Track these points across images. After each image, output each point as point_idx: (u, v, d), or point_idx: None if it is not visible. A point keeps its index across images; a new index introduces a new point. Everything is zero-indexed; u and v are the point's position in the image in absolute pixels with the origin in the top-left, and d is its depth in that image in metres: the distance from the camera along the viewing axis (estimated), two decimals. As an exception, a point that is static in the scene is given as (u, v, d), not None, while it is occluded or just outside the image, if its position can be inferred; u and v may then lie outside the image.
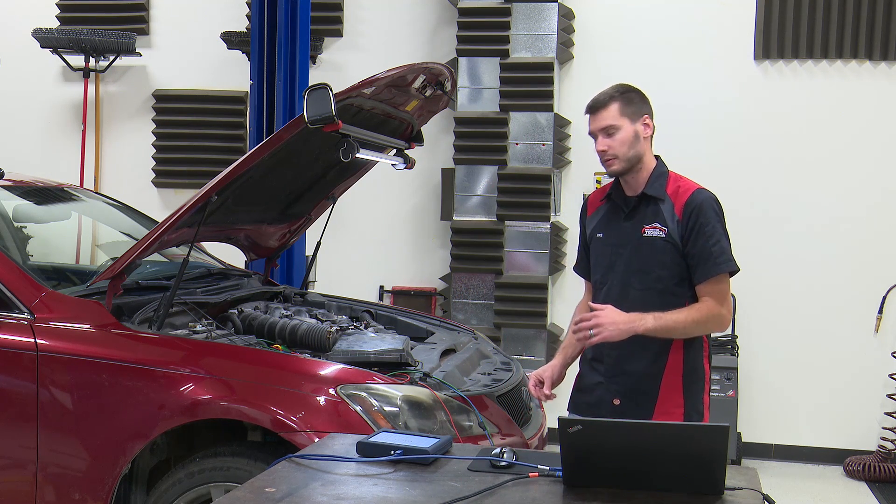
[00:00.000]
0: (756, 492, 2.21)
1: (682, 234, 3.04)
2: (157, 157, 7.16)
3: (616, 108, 3.07)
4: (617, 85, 3.14)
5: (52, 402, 3.46)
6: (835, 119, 6.30)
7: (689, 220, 3.04)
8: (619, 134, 3.07)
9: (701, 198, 3.08)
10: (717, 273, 3.03)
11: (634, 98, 3.12)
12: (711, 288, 3.04)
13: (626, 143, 3.08)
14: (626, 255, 3.11)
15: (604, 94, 3.12)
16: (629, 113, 3.09)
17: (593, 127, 3.11)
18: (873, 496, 5.70)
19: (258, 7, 5.60)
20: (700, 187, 3.15)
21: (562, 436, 2.20)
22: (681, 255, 3.05)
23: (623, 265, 3.12)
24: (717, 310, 3.03)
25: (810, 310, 6.32)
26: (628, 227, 3.13)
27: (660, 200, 3.10)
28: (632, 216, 3.14)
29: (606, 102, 3.08)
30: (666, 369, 3.07)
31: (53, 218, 5.05)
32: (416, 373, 3.56)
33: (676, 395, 3.08)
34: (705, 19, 6.44)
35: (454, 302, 6.45)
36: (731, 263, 3.05)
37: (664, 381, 3.07)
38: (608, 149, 3.08)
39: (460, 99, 6.45)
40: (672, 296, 3.05)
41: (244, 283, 4.48)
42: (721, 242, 3.05)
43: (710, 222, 3.04)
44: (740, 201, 6.37)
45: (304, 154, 4.08)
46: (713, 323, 3.05)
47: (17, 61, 7.20)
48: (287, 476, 2.31)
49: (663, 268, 3.06)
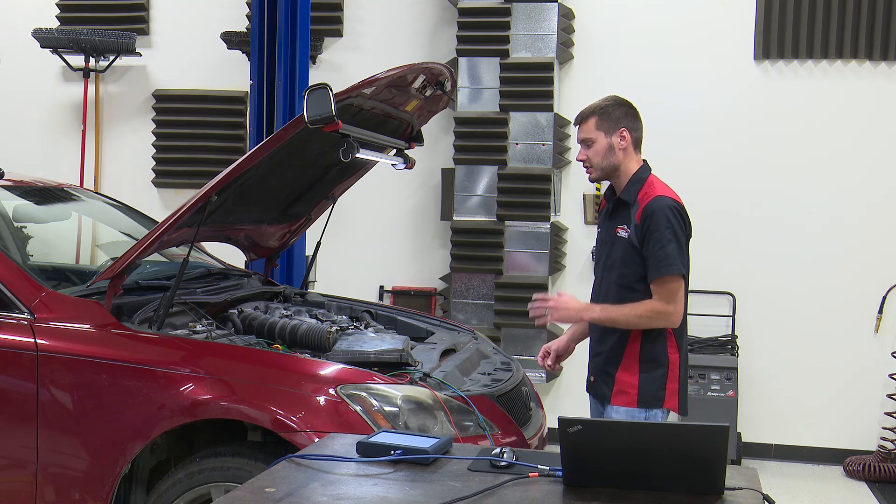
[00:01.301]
0: (756, 492, 2.21)
1: (639, 238, 3.36)
2: (157, 158, 7.16)
3: (593, 123, 3.43)
4: (606, 98, 3.48)
5: (52, 402, 3.46)
6: (835, 119, 6.31)
7: (643, 224, 3.35)
8: (594, 146, 3.44)
9: (656, 205, 3.35)
10: (661, 275, 3.32)
11: (613, 113, 3.43)
12: (658, 287, 3.34)
13: (599, 153, 3.43)
14: (605, 252, 3.50)
15: (587, 108, 3.48)
16: (605, 127, 3.42)
17: (577, 137, 3.52)
18: (873, 496, 5.70)
19: (258, 7, 5.60)
20: (661, 195, 3.38)
21: (562, 436, 2.21)
22: (640, 255, 3.36)
23: (602, 261, 3.51)
24: (662, 307, 3.33)
25: (810, 310, 6.32)
26: (610, 226, 3.49)
27: (630, 205, 3.42)
28: (613, 216, 3.50)
29: (587, 117, 3.45)
30: (624, 355, 3.40)
31: (53, 218, 5.04)
32: (416, 373, 3.56)
33: (632, 377, 3.39)
34: (705, 19, 6.44)
35: (454, 302, 6.45)
36: (672, 268, 3.31)
37: (622, 364, 3.41)
38: (585, 159, 3.47)
39: (460, 99, 6.45)
40: (630, 291, 3.39)
41: (244, 283, 4.48)
42: (666, 248, 3.31)
43: (658, 228, 3.32)
44: (740, 201, 6.39)
45: (304, 154, 4.08)
46: (657, 318, 3.34)
47: (17, 61, 7.20)
48: (287, 476, 2.31)
49: (624, 265, 3.40)
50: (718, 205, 6.35)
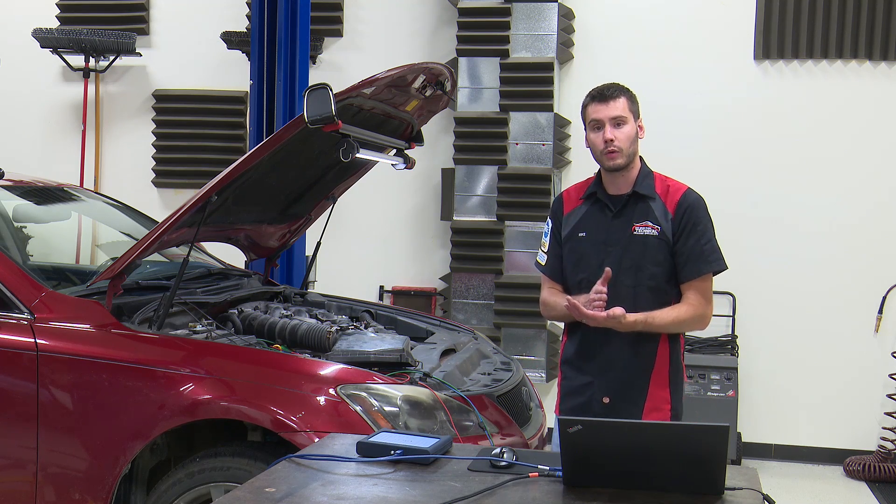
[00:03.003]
0: (756, 492, 2.21)
1: (674, 232, 3.11)
2: (157, 157, 7.16)
3: (625, 102, 3.13)
4: (617, 82, 3.19)
5: (52, 402, 3.46)
6: (835, 119, 6.30)
7: (681, 218, 3.12)
8: (625, 127, 3.12)
9: (693, 197, 3.17)
10: (708, 271, 3.12)
11: (636, 99, 3.19)
12: (699, 286, 3.13)
13: (630, 138, 3.13)
14: (616, 254, 3.14)
15: (613, 85, 3.16)
16: (634, 110, 3.16)
17: (602, 115, 3.11)
18: (873, 496, 5.70)
19: (258, 7, 5.60)
20: (689, 187, 3.21)
21: (562, 436, 2.20)
22: (671, 253, 3.12)
23: (613, 263, 3.11)
24: (704, 308, 3.14)
25: (810, 310, 6.32)
26: (617, 225, 3.16)
27: (650, 199, 3.15)
28: (620, 215, 3.17)
29: (617, 94, 3.12)
30: (655, 364, 3.14)
31: (53, 218, 5.04)
32: (416, 373, 3.56)
33: (664, 390, 3.15)
34: (705, 19, 6.45)
35: (454, 302, 6.45)
36: (721, 262, 3.14)
37: (654, 375, 3.14)
38: (615, 139, 3.09)
39: (460, 99, 6.45)
40: (663, 293, 3.13)
41: (244, 283, 4.48)
42: (712, 241, 3.14)
43: (702, 221, 3.13)
44: (741, 201, 6.38)
45: (304, 154, 4.08)
46: (699, 321, 3.16)
47: (17, 61, 7.20)
48: (287, 476, 2.31)
49: (656, 265, 3.12)
50: (718, 205, 6.25)
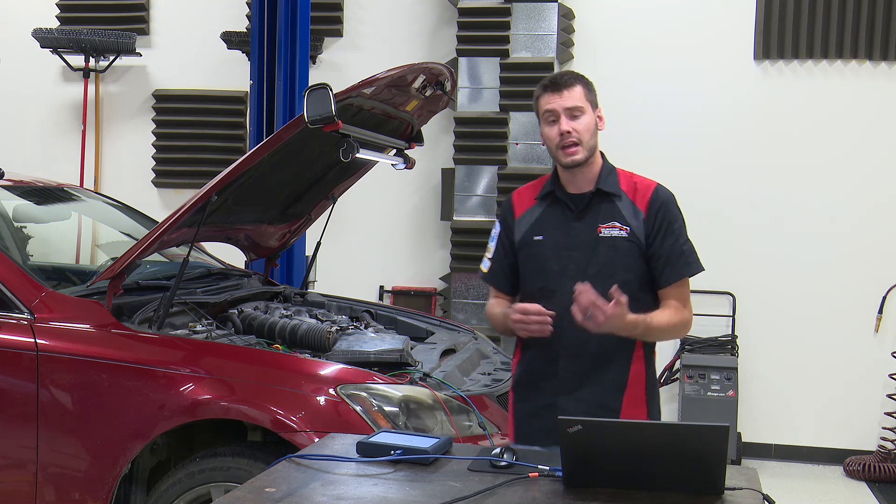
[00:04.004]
0: (756, 492, 2.21)
1: (648, 233, 2.81)
2: (157, 157, 7.16)
3: (581, 91, 2.81)
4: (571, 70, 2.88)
5: (52, 402, 3.46)
6: (835, 119, 6.30)
7: (655, 217, 2.82)
8: (583, 118, 2.79)
9: (665, 194, 2.87)
10: (690, 274, 2.84)
11: (593, 87, 2.86)
12: (679, 290, 2.83)
13: (589, 129, 2.80)
14: (580, 258, 2.82)
15: (565, 73, 2.85)
16: (591, 100, 2.84)
17: (556, 105, 2.78)
18: (873, 496, 5.70)
19: (258, 7, 5.60)
20: (659, 183, 2.90)
21: (562, 436, 2.20)
22: (644, 256, 2.82)
23: (577, 269, 2.80)
24: (687, 315, 2.85)
25: (810, 310, 6.32)
26: (580, 227, 2.84)
27: (616, 197, 2.84)
28: (583, 216, 2.85)
29: (572, 82, 2.80)
30: (629, 382, 2.83)
31: (53, 218, 5.04)
32: (416, 373, 3.56)
33: (639, 409, 2.85)
34: (705, 19, 6.45)
35: (454, 302, 6.44)
36: (700, 263, 2.87)
37: (627, 393, 2.83)
38: (573, 131, 2.77)
39: (460, 99, 6.45)
40: (637, 303, 2.73)
41: (244, 283, 4.48)
42: (689, 243, 2.87)
43: (677, 219, 2.85)
44: (741, 201, 6.38)
45: (304, 154, 4.08)
46: (684, 328, 2.86)
47: (17, 61, 7.19)
48: (287, 476, 2.31)
49: (628, 271, 2.80)
50: (718, 205, 6.35)
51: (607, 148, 2.98)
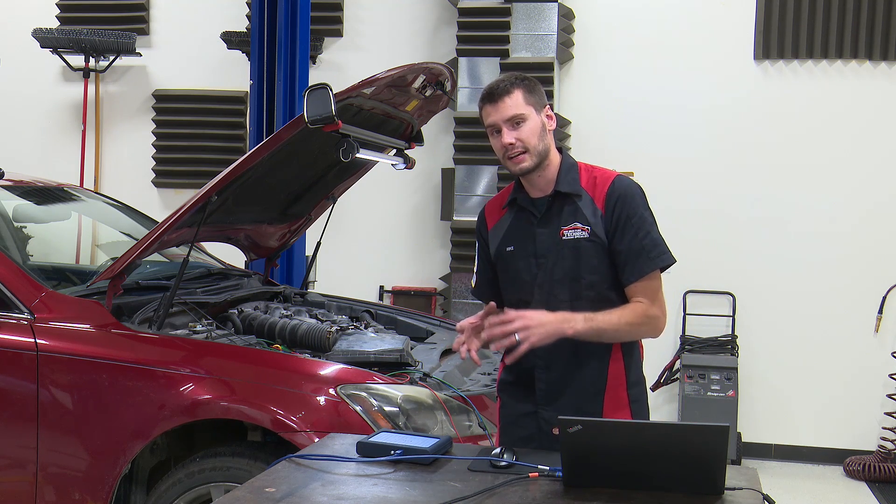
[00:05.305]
0: (756, 492, 2.21)
1: (608, 229, 2.70)
2: (157, 157, 7.16)
3: (520, 96, 2.69)
4: (511, 73, 2.77)
5: (52, 402, 3.46)
6: (835, 119, 6.31)
7: (612, 212, 2.70)
8: (526, 124, 2.69)
9: (623, 184, 2.73)
10: (652, 269, 2.69)
11: (535, 87, 2.75)
12: (644, 286, 2.69)
13: (535, 133, 2.69)
14: (547, 265, 2.74)
15: (502, 80, 2.73)
16: (533, 102, 2.71)
17: (496, 118, 2.69)
18: (873, 496, 5.70)
19: (258, 7, 5.60)
20: (619, 174, 2.78)
21: (562, 436, 2.20)
22: (607, 255, 2.71)
23: (545, 276, 2.73)
24: (652, 311, 2.69)
25: (810, 310, 6.32)
26: (544, 233, 2.75)
27: (576, 197, 2.73)
28: (546, 220, 2.76)
29: (509, 89, 2.69)
30: (608, 385, 2.74)
31: (53, 218, 5.04)
32: (416, 373, 3.56)
33: (622, 412, 2.74)
34: (705, 19, 6.45)
35: (454, 302, 6.44)
36: (666, 256, 2.71)
37: (607, 397, 2.73)
38: (516, 141, 2.68)
39: (460, 99, 6.44)
40: (606, 302, 2.68)
41: (244, 283, 4.48)
42: (652, 234, 2.71)
43: (637, 212, 2.70)
44: (741, 201, 6.38)
45: (304, 154, 4.08)
46: (648, 326, 2.70)
47: (17, 61, 7.20)
48: (287, 476, 2.31)
49: (593, 272, 2.71)
50: (718, 205, 6.35)
51: (608, 148, 2.97)
